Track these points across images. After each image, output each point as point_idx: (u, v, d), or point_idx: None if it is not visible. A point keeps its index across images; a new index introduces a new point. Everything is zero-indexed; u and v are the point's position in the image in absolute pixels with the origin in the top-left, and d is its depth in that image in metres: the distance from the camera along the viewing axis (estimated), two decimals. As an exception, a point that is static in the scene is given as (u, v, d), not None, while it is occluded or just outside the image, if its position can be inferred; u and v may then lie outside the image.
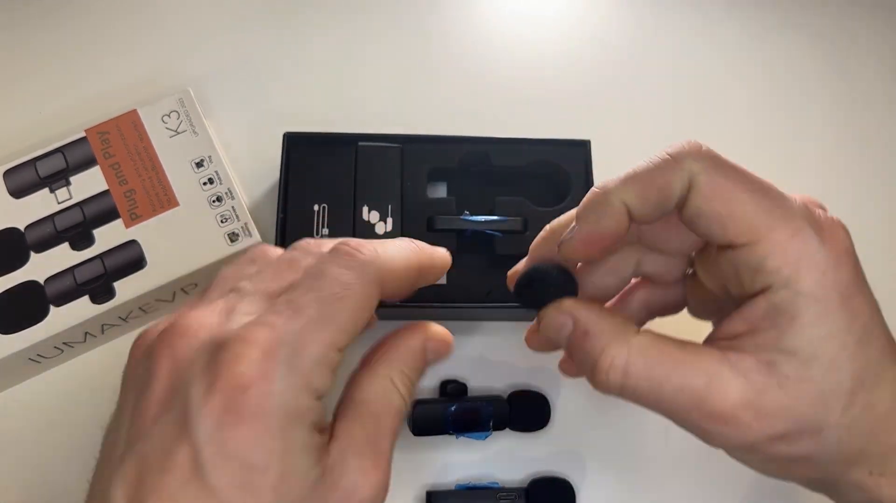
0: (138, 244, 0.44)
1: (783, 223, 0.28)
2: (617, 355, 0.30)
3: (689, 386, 0.29)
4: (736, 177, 0.29)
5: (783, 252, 0.28)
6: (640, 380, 0.29)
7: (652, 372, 0.29)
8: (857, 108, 0.54)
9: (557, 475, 0.45)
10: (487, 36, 0.55)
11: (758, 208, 0.28)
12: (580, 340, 0.31)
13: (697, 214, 0.29)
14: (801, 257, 0.28)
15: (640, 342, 0.30)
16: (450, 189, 0.48)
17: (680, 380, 0.29)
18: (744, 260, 0.29)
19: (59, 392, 0.45)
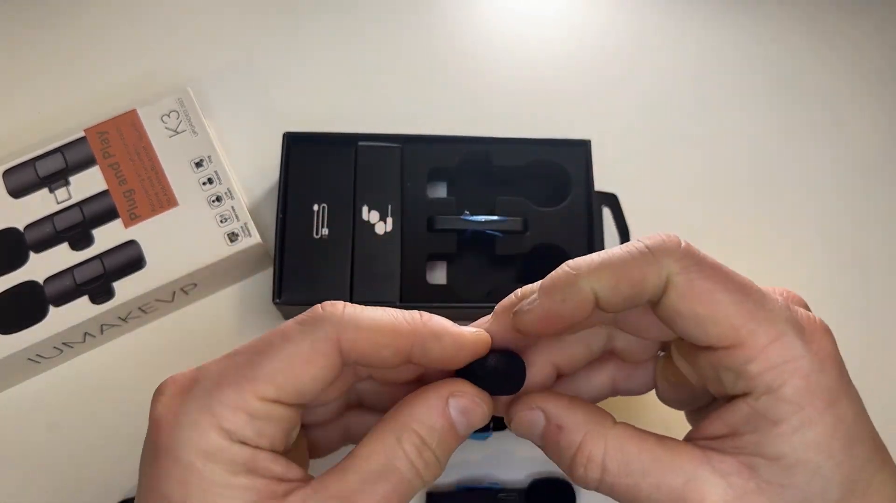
0: (138, 244, 0.44)
1: (765, 327, 0.27)
2: (594, 449, 0.28)
3: (666, 485, 0.27)
4: (716, 277, 0.28)
5: (766, 357, 0.27)
6: (617, 476, 0.28)
7: (630, 467, 0.28)
8: (860, 106, 0.54)
9: (558, 476, 0.44)
10: (487, 36, 0.54)
11: (739, 311, 0.27)
12: (554, 435, 0.29)
13: (675, 314, 0.28)
14: (785, 363, 0.27)
15: (618, 435, 0.29)
16: (450, 189, 0.48)
17: (658, 478, 0.28)
18: (724, 363, 0.28)
19: (59, 392, 0.45)
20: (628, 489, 0.28)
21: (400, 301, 0.44)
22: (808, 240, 0.51)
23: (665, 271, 0.27)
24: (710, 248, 0.50)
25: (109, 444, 0.44)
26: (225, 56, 0.52)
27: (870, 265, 0.50)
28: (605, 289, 0.28)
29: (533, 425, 0.30)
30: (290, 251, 0.44)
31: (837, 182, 0.52)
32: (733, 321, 0.27)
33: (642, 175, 0.51)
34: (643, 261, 0.28)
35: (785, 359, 0.27)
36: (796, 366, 0.27)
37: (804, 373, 0.27)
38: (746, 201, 0.51)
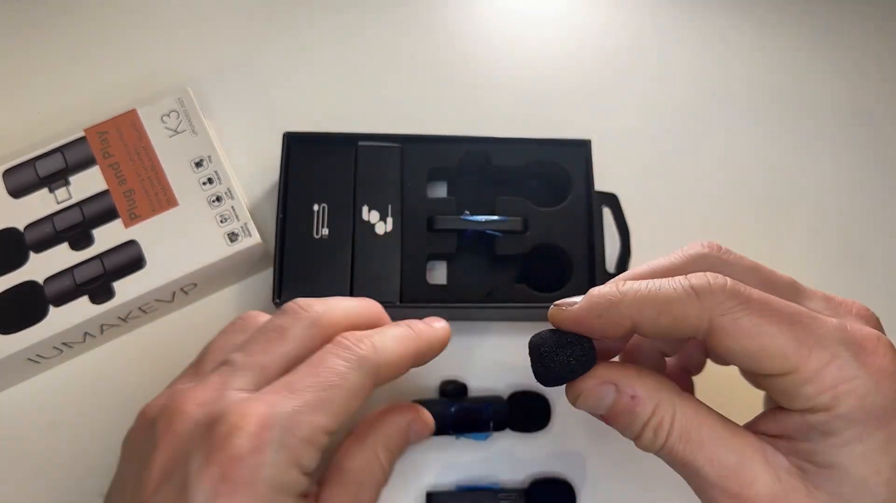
0: (138, 244, 0.43)
1: (818, 351, 0.28)
2: (665, 416, 0.30)
3: (720, 460, 0.29)
4: (762, 310, 0.28)
5: (821, 380, 0.27)
6: (678, 441, 0.29)
7: (690, 435, 0.29)
8: (865, 105, 0.54)
9: (558, 476, 0.44)
10: (488, 35, 0.54)
11: (789, 340, 0.28)
12: (629, 405, 0.30)
13: (726, 351, 0.29)
14: (839, 383, 0.27)
15: (685, 404, 0.30)
16: (450, 189, 0.48)
17: (713, 452, 0.29)
18: (780, 387, 0.29)
19: (59, 392, 0.45)
20: (684, 456, 0.29)
21: (400, 301, 0.44)
22: (810, 237, 0.50)
23: (707, 312, 0.28)
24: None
25: (109, 444, 0.43)
26: (225, 56, 0.51)
27: (871, 261, 0.50)
28: (644, 319, 0.29)
29: (603, 398, 0.31)
30: (290, 251, 0.44)
31: (840, 181, 0.52)
32: (784, 350, 0.28)
33: (642, 175, 0.50)
34: (686, 300, 0.29)
35: (839, 381, 0.27)
36: (851, 386, 0.27)
37: (860, 393, 0.27)
38: (748, 200, 0.51)
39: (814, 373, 0.28)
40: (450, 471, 0.45)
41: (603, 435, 0.46)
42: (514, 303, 0.44)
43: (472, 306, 0.44)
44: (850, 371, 0.27)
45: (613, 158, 0.49)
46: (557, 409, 0.46)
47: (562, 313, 0.31)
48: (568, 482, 0.44)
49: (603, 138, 0.47)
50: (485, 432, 0.43)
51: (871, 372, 0.28)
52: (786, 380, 0.28)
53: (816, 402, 0.28)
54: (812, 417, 0.28)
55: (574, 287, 0.44)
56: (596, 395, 0.31)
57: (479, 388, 0.46)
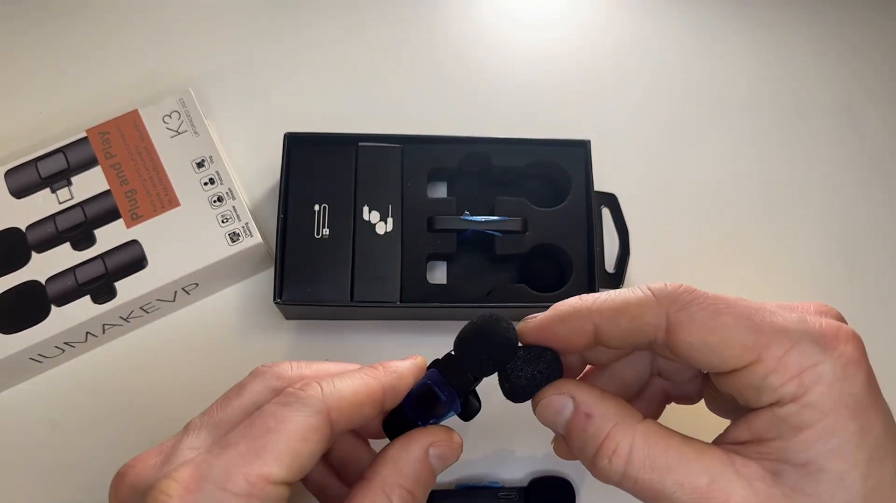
0: (139, 244, 0.43)
1: (778, 339, 0.27)
2: (622, 441, 0.28)
3: (690, 483, 0.27)
4: (717, 305, 0.28)
5: (784, 368, 0.27)
6: (642, 470, 0.28)
7: (655, 463, 0.28)
8: (860, 106, 0.54)
9: (557, 474, 0.44)
10: (487, 37, 0.54)
11: (747, 330, 0.27)
12: (582, 423, 0.29)
13: (689, 348, 0.28)
14: (804, 370, 0.26)
15: (646, 430, 0.29)
16: (450, 189, 0.48)
17: (682, 476, 0.27)
18: (746, 381, 0.28)
19: (61, 391, 0.45)
20: (651, 485, 0.28)
21: (400, 301, 0.44)
22: (807, 238, 0.50)
23: (664, 309, 0.28)
24: (711, 246, 0.50)
25: (111, 443, 0.44)
26: (226, 57, 0.51)
27: (868, 257, 0.50)
28: (605, 322, 0.29)
29: (560, 411, 0.30)
30: (290, 251, 0.44)
31: (836, 180, 0.52)
32: (744, 341, 0.27)
33: (641, 175, 0.50)
34: (644, 299, 0.29)
35: (803, 367, 0.26)
36: (817, 372, 0.26)
37: (827, 380, 0.26)
38: (745, 199, 0.51)
39: (777, 361, 0.27)
40: (450, 471, 0.44)
41: None
42: (514, 302, 0.44)
43: (471, 306, 0.44)
44: (813, 357, 0.27)
45: (612, 159, 0.49)
46: None
47: (528, 323, 0.31)
48: (567, 480, 0.44)
49: (602, 139, 0.47)
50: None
51: (835, 358, 0.27)
52: (749, 372, 0.27)
53: (784, 392, 0.27)
54: (781, 410, 0.27)
55: (574, 286, 0.44)
56: (554, 407, 0.30)
57: None
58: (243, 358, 0.45)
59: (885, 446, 0.27)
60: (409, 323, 0.46)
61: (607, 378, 0.34)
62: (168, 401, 0.44)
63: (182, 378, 0.45)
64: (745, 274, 0.48)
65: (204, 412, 0.31)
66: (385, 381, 0.31)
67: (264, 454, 0.27)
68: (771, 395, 0.27)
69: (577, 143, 0.46)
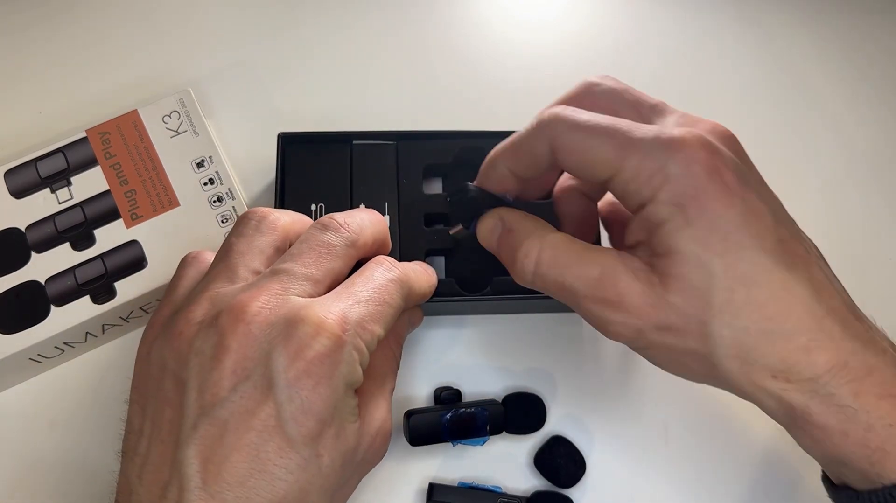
0: (139, 244, 0.42)
1: (633, 151, 0.31)
2: (531, 247, 0.34)
3: (585, 275, 0.32)
4: (587, 128, 0.32)
5: (638, 175, 0.31)
6: (548, 268, 0.33)
7: (557, 261, 0.33)
8: (859, 104, 0.53)
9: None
10: (478, 30, 0.53)
11: (610, 147, 0.31)
12: (506, 237, 0.36)
13: (569, 167, 0.34)
14: (653, 174, 0.30)
15: (553, 239, 0.34)
16: (444, 185, 0.47)
17: (579, 270, 0.33)
18: (617, 191, 0.32)
19: (61, 391, 0.43)
20: (555, 279, 0.33)
21: (400, 296, 0.43)
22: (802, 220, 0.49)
23: (547, 138, 0.33)
24: None
25: (111, 443, 0.42)
26: (226, 57, 0.51)
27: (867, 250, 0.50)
28: (513, 164, 0.35)
29: (493, 229, 0.36)
30: (289, 251, 0.43)
31: (833, 172, 0.51)
32: (607, 156, 0.31)
33: None
34: (533, 133, 0.34)
35: (653, 172, 0.30)
36: (663, 175, 0.30)
37: (671, 179, 0.30)
38: None
39: (633, 170, 0.31)
40: (453, 470, 0.44)
41: (600, 436, 0.44)
42: (516, 293, 0.42)
43: (472, 300, 0.42)
44: (659, 161, 0.30)
45: None
46: (553, 410, 0.44)
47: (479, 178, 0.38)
48: (568, 497, 0.42)
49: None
50: (481, 437, 0.42)
51: (678, 160, 0.30)
52: (616, 182, 0.32)
53: (642, 195, 0.31)
54: (644, 212, 0.31)
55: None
56: (488, 226, 0.37)
57: (473, 393, 0.45)
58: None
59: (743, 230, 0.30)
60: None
61: None
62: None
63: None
64: None
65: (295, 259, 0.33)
66: (432, 281, 0.40)
67: (382, 320, 0.33)
68: (634, 199, 0.31)
69: (572, 133, 0.45)
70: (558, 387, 0.45)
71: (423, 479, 0.43)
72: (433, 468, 0.43)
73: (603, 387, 0.45)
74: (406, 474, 0.43)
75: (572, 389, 0.45)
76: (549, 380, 0.45)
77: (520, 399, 0.44)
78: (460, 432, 0.41)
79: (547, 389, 0.45)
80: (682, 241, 0.30)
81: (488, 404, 0.42)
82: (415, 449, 0.42)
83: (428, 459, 0.43)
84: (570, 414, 0.45)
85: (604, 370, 0.45)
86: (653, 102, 0.36)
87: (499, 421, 0.42)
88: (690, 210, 0.30)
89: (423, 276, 0.38)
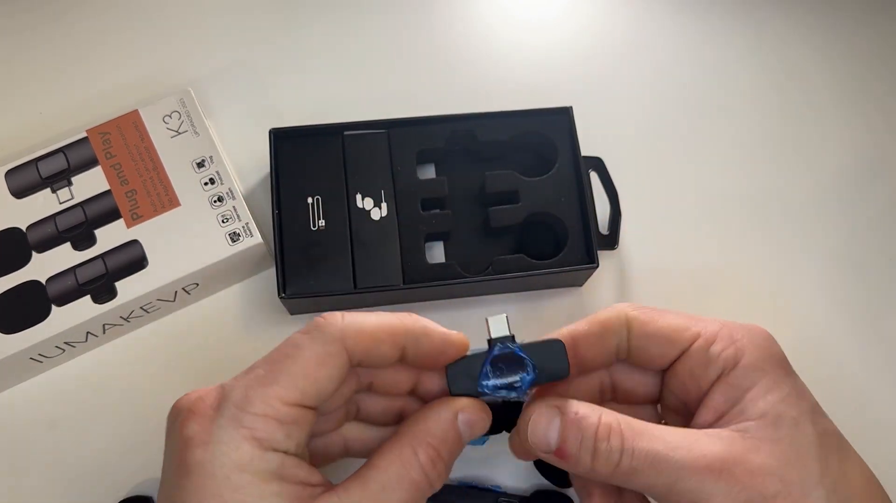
0: (140, 244, 0.42)
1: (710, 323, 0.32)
2: (612, 420, 0.30)
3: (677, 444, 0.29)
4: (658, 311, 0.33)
5: (721, 338, 0.31)
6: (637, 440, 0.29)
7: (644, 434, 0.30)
8: (857, 102, 0.53)
9: (559, 490, 0.42)
10: (462, 12, 0.54)
11: (687, 319, 0.32)
12: (575, 422, 0.30)
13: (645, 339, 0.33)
14: (736, 339, 0.31)
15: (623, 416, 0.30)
16: (438, 169, 0.47)
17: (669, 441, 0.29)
18: (695, 359, 0.32)
19: (61, 391, 0.42)
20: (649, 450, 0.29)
21: (403, 283, 0.42)
22: (785, 199, 0.50)
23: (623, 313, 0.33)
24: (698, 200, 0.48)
25: (111, 443, 0.41)
26: (226, 57, 0.51)
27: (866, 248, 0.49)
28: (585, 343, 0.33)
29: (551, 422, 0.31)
30: (289, 245, 0.43)
31: (834, 172, 0.51)
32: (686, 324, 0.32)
33: (625, 137, 0.50)
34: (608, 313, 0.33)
35: (736, 337, 0.31)
36: (747, 340, 0.31)
37: (756, 343, 0.31)
38: (724, 147, 0.51)
39: (713, 334, 0.31)
40: (454, 470, 0.42)
41: None
42: (515, 272, 0.42)
43: (473, 280, 0.42)
44: (740, 331, 0.31)
45: (595, 124, 0.47)
46: None
47: None
48: (569, 497, 0.41)
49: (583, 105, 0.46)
50: (482, 436, 0.40)
51: (755, 333, 0.31)
52: (696, 348, 0.31)
53: (726, 357, 0.31)
54: (728, 377, 0.30)
55: (571, 251, 0.43)
56: (545, 418, 0.31)
57: None
58: (245, 357, 0.43)
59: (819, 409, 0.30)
60: (413, 304, 0.45)
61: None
62: (168, 401, 0.41)
63: (182, 378, 0.43)
64: (719, 232, 0.48)
65: None
66: (410, 326, 0.31)
67: (280, 378, 0.28)
68: (717, 364, 0.31)
69: (560, 110, 0.45)
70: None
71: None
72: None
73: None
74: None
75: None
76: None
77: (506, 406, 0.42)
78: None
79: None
80: (778, 405, 0.30)
81: None
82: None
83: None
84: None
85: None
86: None
87: None
88: (778, 376, 0.30)
89: (383, 316, 0.31)
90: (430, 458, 0.30)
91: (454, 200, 0.45)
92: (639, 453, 0.29)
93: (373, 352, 0.30)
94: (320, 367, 0.29)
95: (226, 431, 0.27)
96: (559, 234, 0.44)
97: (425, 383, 0.34)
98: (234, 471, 0.27)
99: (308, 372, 0.29)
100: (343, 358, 0.29)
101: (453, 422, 0.31)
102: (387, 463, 0.29)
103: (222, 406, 0.28)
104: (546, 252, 0.44)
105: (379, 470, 0.29)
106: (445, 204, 0.45)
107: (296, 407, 0.28)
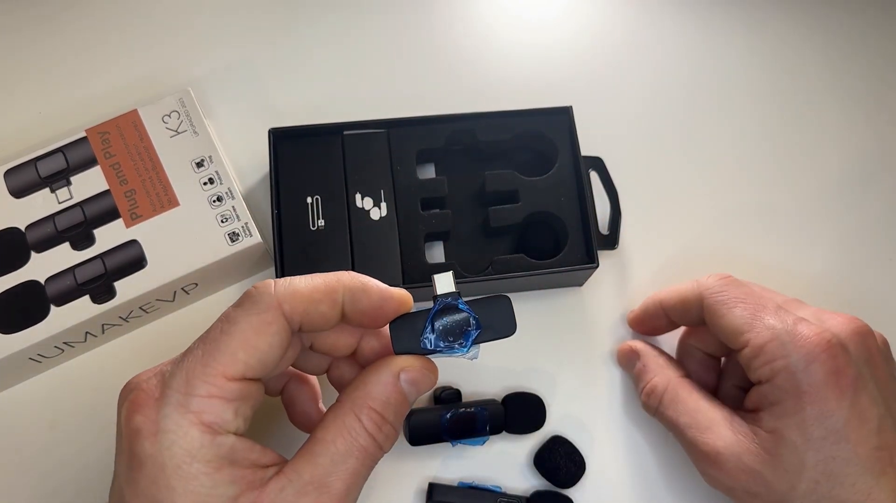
0: (139, 244, 0.42)
1: (764, 332, 0.34)
2: (659, 384, 0.39)
3: (696, 421, 0.36)
4: (737, 299, 0.36)
5: (762, 355, 0.34)
6: (668, 407, 0.38)
7: (675, 405, 0.38)
8: (855, 101, 0.53)
9: (559, 491, 0.42)
10: (462, 13, 0.53)
11: (746, 321, 0.35)
12: (640, 370, 0.41)
13: (712, 328, 0.37)
14: (776, 359, 0.34)
15: (680, 383, 0.38)
16: (438, 169, 0.47)
17: (691, 418, 0.36)
18: (742, 361, 0.36)
19: (61, 391, 0.42)
20: (670, 418, 0.38)
21: (403, 283, 0.42)
22: (785, 199, 0.49)
23: (701, 291, 0.38)
24: (698, 199, 0.48)
25: (110, 443, 0.40)
26: (226, 57, 0.50)
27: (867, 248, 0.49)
28: (672, 310, 0.40)
29: (630, 360, 0.42)
30: (288, 245, 0.42)
31: (834, 171, 0.51)
32: (741, 329, 0.35)
33: (624, 136, 0.49)
34: (693, 290, 0.38)
35: (776, 356, 0.34)
36: (784, 363, 0.33)
37: (791, 369, 0.33)
38: (720, 142, 0.50)
39: (759, 348, 0.34)
40: (454, 469, 0.42)
41: (599, 436, 0.43)
42: (515, 272, 0.42)
43: (474, 280, 0.42)
44: (784, 350, 0.33)
45: (595, 124, 0.47)
46: (552, 409, 0.43)
47: (631, 317, 0.44)
48: (568, 497, 0.41)
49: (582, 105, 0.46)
50: (481, 437, 0.40)
51: (802, 355, 0.33)
52: (743, 354, 0.35)
53: (762, 373, 0.34)
54: (761, 388, 0.34)
55: (570, 251, 0.43)
56: (625, 356, 0.43)
57: (473, 393, 0.43)
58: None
59: (847, 433, 0.32)
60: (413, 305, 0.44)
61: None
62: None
63: (183, 378, 0.42)
64: (712, 223, 0.48)
65: None
66: (347, 283, 0.30)
67: (219, 355, 0.27)
68: (754, 374, 0.35)
69: (560, 110, 0.45)
70: (558, 387, 0.44)
71: (423, 479, 0.42)
72: (433, 468, 0.42)
73: (603, 387, 0.44)
74: (406, 474, 0.42)
75: (572, 389, 0.44)
76: (549, 380, 0.44)
77: (520, 399, 0.42)
78: (460, 432, 0.40)
79: (547, 389, 0.44)
80: (788, 428, 0.33)
81: (488, 404, 0.41)
82: (415, 449, 0.41)
83: (428, 459, 0.42)
84: (570, 414, 0.43)
85: (604, 370, 0.44)
86: (789, 298, 0.38)
87: (499, 421, 0.41)
88: (801, 402, 0.33)
89: (317, 276, 0.31)
90: (375, 423, 0.29)
91: (454, 200, 0.45)
92: (664, 418, 0.38)
93: (312, 313, 0.29)
94: (260, 337, 0.28)
95: (172, 419, 0.27)
96: (559, 233, 0.44)
97: (363, 345, 0.33)
98: (185, 461, 0.26)
99: (248, 344, 0.28)
100: (282, 323, 0.29)
101: (395, 383, 0.30)
102: (332, 435, 0.28)
103: (165, 394, 0.27)
104: (546, 252, 0.43)
105: (326, 443, 0.28)
106: (445, 203, 0.44)
107: (240, 381, 0.28)
